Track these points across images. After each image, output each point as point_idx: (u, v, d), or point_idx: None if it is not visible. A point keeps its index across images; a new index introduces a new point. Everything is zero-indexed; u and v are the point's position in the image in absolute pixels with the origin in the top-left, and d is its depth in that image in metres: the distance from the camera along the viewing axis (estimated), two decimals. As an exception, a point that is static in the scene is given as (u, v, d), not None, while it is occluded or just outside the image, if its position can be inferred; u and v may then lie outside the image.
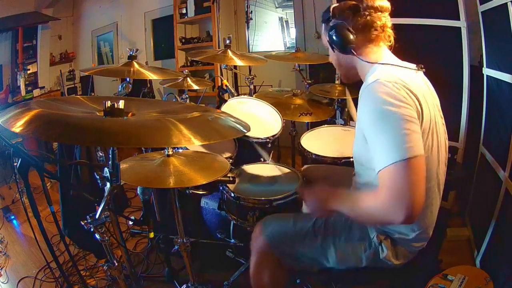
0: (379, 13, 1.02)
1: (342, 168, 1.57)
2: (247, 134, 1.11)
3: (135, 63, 1.66)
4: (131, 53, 1.70)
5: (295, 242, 1.17)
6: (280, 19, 3.92)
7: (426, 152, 0.95)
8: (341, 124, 2.28)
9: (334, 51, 1.09)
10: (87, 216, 1.00)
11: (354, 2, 1.04)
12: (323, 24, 1.11)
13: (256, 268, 1.23)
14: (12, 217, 2.66)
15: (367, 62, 1.03)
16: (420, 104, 0.92)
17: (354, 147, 1.12)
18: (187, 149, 1.58)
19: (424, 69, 1.05)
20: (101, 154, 1.57)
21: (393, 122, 0.86)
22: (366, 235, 1.11)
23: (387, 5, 1.04)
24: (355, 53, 1.03)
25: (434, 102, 1.04)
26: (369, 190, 0.99)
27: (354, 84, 1.17)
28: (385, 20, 1.04)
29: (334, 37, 1.03)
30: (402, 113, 0.86)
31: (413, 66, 1.04)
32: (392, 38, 1.08)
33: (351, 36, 1.01)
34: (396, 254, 1.09)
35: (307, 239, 1.16)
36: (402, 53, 1.09)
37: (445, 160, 1.07)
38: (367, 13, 1.01)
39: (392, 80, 0.91)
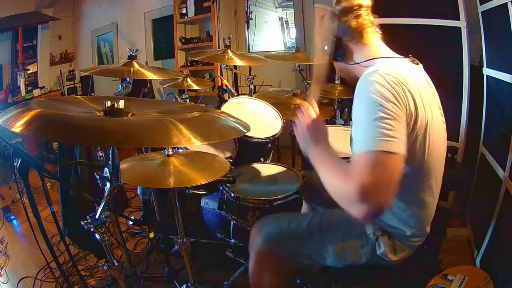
0: (360, 11, 1.01)
1: None
2: (247, 134, 1.11)
3: (135, 63, 1.66)
4: (131, 53, 1.69)
5: (292, 242, 1.16)
6: (280, 19, 3.91)
7: (421, 151, 0.94)
8: (341, 124, 2.28)
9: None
10: (87, 216, 1.00)
11: (332, 10, 1.04)
12: None
13: (255, 269, 1.23)
14: (12, 217, 2.65)
15: (366, 61, 1.02)
16: (415, 104, 0.89)
17: (351, 144, 1.12)
18: (187, 149, 1.58)
19: (419, 64, 1.04)
20: (101, 154, 1.57)
21: (377, 113, 0.83)
22: (363, 231, 1.10)
23: (367, 2, 1.03)
24: (354, 62, 1.05)
25: (434, 98, 1.01)
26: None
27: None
28: (368, 15, 1.03)
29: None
30: (389, 108, 0.83)
31: (407, 59, 1.03)
32: (378, 29, 1.07)
33: (346, 45, 1.05)
34: (394, 250, 1.08)
35: (303, 238, 1.15)
36: (402, 53, 1.08)
37: (444, 158, 1.06)
38: (352, 15, 1.01)
39: (392, 74, 0.88)
